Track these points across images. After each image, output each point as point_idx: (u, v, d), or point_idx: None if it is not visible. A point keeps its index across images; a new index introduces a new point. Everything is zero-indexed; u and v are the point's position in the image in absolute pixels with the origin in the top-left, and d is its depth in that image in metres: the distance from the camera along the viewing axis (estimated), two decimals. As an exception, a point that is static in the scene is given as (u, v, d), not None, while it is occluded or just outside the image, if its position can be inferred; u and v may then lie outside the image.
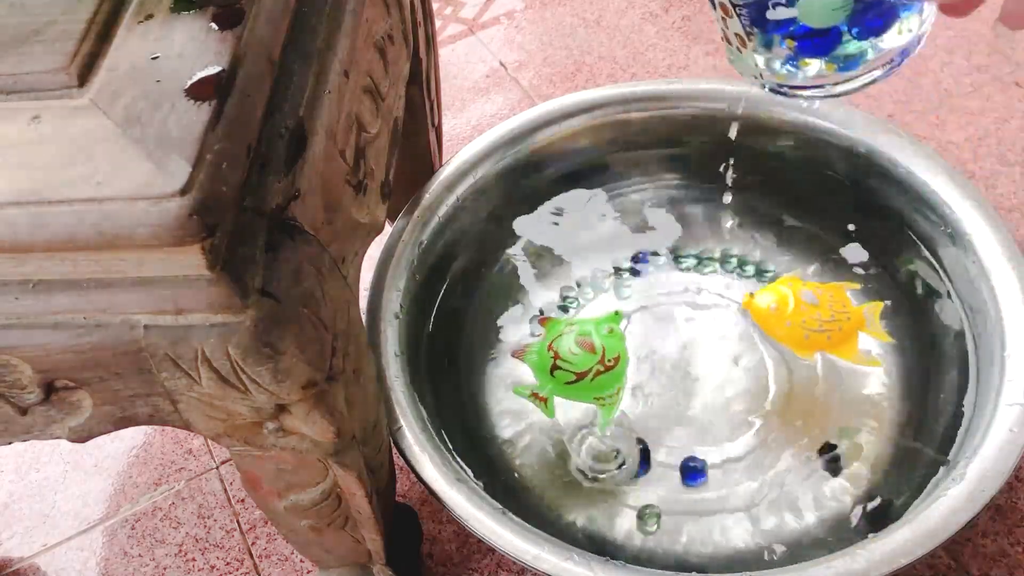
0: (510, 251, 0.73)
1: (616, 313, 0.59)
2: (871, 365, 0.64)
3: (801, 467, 0.61)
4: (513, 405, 0.67)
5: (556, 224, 0.74)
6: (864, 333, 0.60)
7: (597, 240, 0.74)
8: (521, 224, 0.73)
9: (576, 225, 0.74)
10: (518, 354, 0.60)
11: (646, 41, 1.06)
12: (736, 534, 0.59)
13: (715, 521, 0.60)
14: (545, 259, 0.74)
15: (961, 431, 0.56)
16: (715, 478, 0.62)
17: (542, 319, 0.62)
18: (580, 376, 0.57)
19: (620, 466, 0.63)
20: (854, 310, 0.60)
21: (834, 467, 0.61)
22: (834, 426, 0.63)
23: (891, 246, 0.67)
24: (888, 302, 0.64)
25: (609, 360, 0.57)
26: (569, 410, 0.65)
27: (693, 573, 0.57)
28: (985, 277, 0.58)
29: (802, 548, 0.58)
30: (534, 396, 0.59)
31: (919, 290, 0.65)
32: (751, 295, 0.61)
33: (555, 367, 0.58)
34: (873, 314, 0.61)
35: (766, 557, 0.58)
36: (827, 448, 0.62)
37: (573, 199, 0.74)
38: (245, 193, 0.36)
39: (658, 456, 0.63)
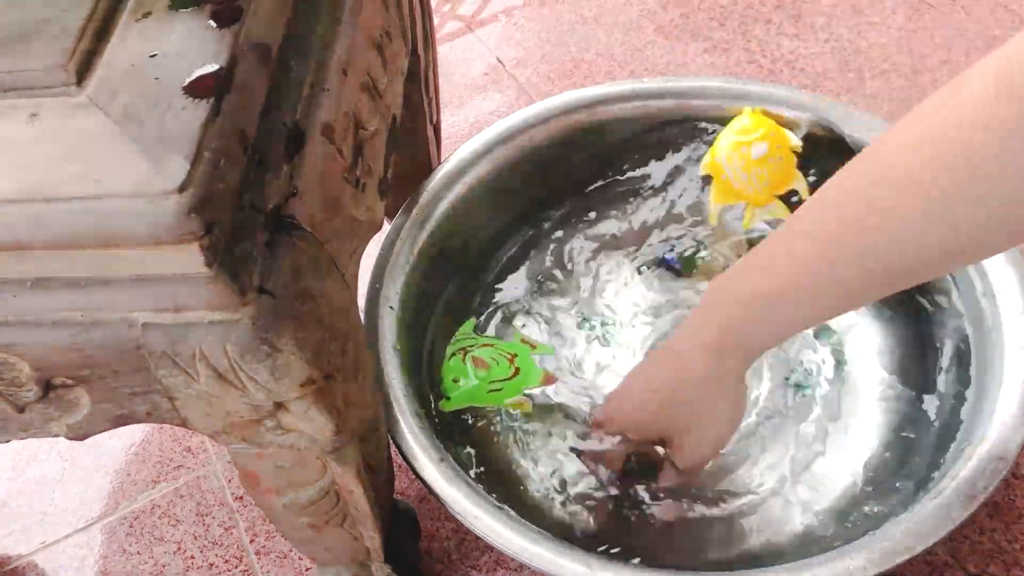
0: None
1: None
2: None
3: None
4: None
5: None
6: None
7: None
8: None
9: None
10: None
11: (644, 38, 1.06)
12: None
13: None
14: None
15: (960, 429, 0.56)
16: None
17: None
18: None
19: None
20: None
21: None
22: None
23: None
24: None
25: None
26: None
27: (693, 573, 0.57)
28: (984, 276, 0.58)
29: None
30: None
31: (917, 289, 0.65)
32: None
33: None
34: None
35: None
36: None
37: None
38: (243, 191, 0.36)
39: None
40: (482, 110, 1.01)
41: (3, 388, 0.39)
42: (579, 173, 0.74)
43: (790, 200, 0.67)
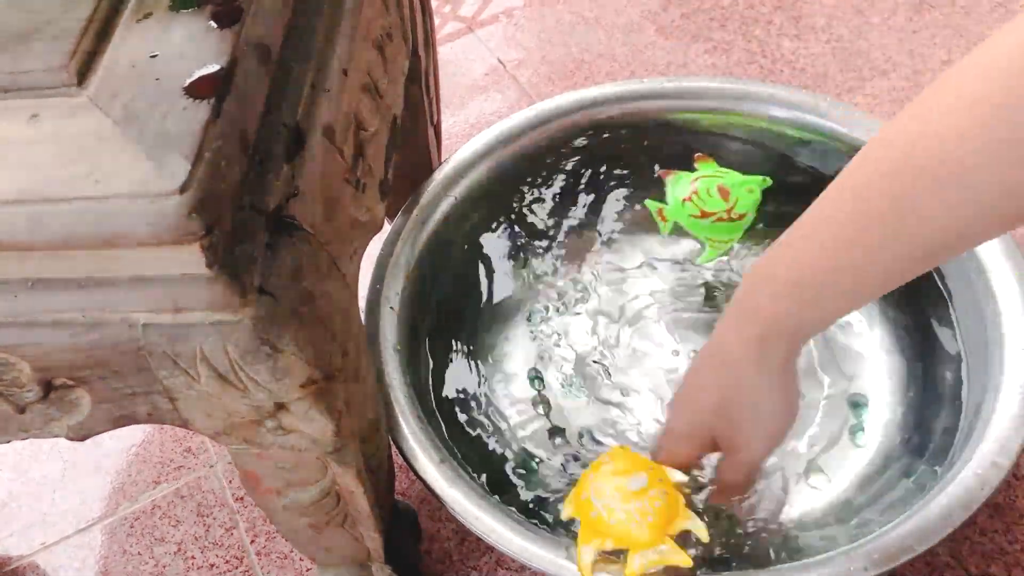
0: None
1: (764, 179, 0.64)
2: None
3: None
4: (514, 401, 0.67)
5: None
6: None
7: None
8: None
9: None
10: (664, 173, 0.68)
11: (645, 39, 1.06)
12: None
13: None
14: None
15: (959, 430, 0.56)
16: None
17: (698, 156, 0.67)
18: (705, 215, 0.65)
19: None
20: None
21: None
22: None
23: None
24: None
25: (735, 214, 0.63)
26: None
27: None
28: (983, 275, 0.58)
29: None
30: (659, 212, 0.67)
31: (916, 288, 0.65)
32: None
33: (688, 198, 0.65)
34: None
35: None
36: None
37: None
38: (244, 191, 0.36)
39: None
40: (483, 111, 1.01)
41: (4, 389, 0.39)
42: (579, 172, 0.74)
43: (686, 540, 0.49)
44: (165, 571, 0.70)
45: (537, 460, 0.64)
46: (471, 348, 0.69)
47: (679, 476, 0.50)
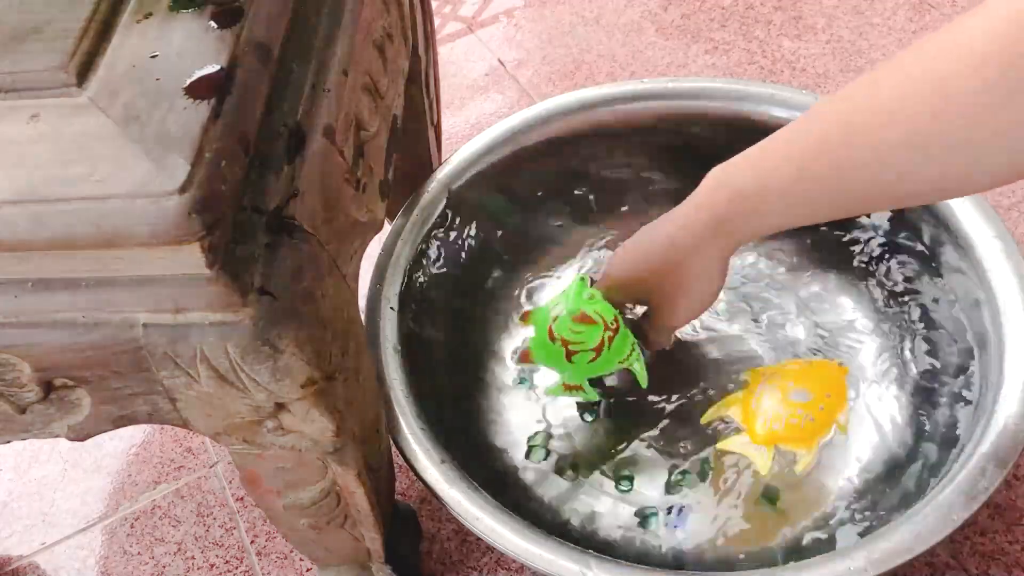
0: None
1: (581, 279, 0.58)
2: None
3: None
4: (514, 401, 0.67)
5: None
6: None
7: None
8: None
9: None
10: (525, 358, 0.61)
11: (645, 39, 1.06)
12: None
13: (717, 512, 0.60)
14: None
15: (960, 430, 0.56)
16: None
17: (524, 314, 0.62)
18: (598, 350, 0.58)
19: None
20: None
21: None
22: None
23: (888, 244, 0.67)
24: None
25: (611, 323, 0.57)
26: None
27: (693, 572, 0.57)
28: (984, 275, 0.58)
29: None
30: (568, 388, 0.61)
31: (915, 287, 0.65)
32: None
33: (569, 353, 0.58)
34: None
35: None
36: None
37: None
38: (244, 191, 0.37)
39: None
40: (483, 111, 1.01)
41: (4, 389, 0.39)
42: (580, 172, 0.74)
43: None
44: (165, 571, 0.70)
45: (538, 459, 0.64)
46: (471, 347, 0.69)
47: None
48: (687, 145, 0.72)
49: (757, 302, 0.69)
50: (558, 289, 0.68)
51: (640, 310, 0.62)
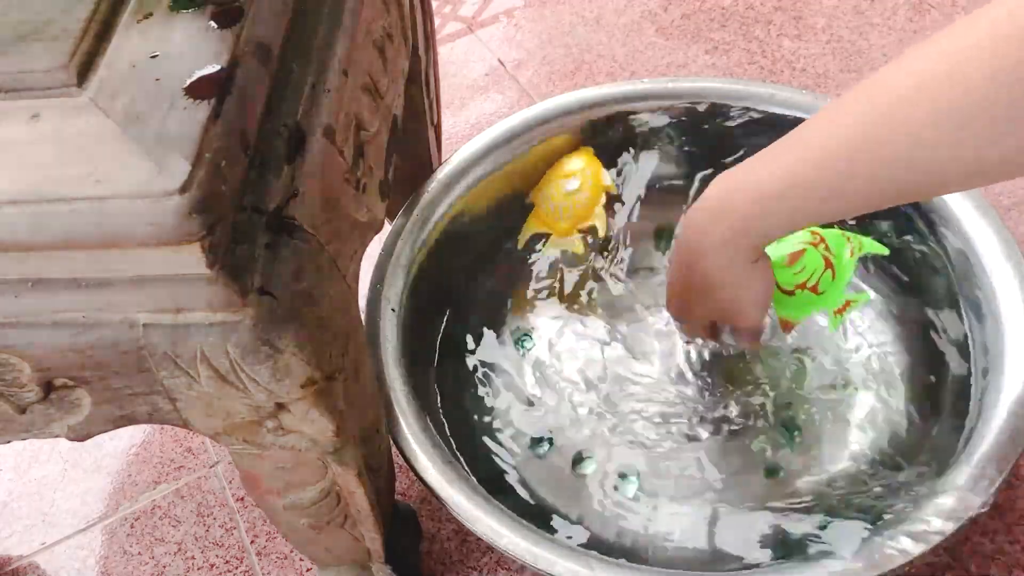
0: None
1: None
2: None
3: None
4: (514, 401, 0.67)
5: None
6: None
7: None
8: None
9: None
10: (786, 327, 0.62)
11: (645, 40, 1.06)
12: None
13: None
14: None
15: (960, 430, 0.56)
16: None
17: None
18: (828, 263, 0.58)
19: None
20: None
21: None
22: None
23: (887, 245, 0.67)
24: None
25: (813, 239, 0.58)
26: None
27: (693, 573, 0.57)
28: (984, 276, 0.58)
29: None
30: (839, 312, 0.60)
31: (917, 287, 0.65)
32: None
33: (815, 287, 0.58)
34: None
35: None
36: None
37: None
38: (244, 192, 0.37)
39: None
40: (483, 111, 1.01)
41: (4, 389, 0.39)
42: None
43: (588, 236, 0.71)
44: (165, 571, 0.70)
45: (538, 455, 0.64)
46: (472, 347, 0.69)
47: (607, 180, 0.69)
48: (687, 145, 0.72)
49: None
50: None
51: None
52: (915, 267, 0.65)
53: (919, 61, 0.40)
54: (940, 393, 0.61)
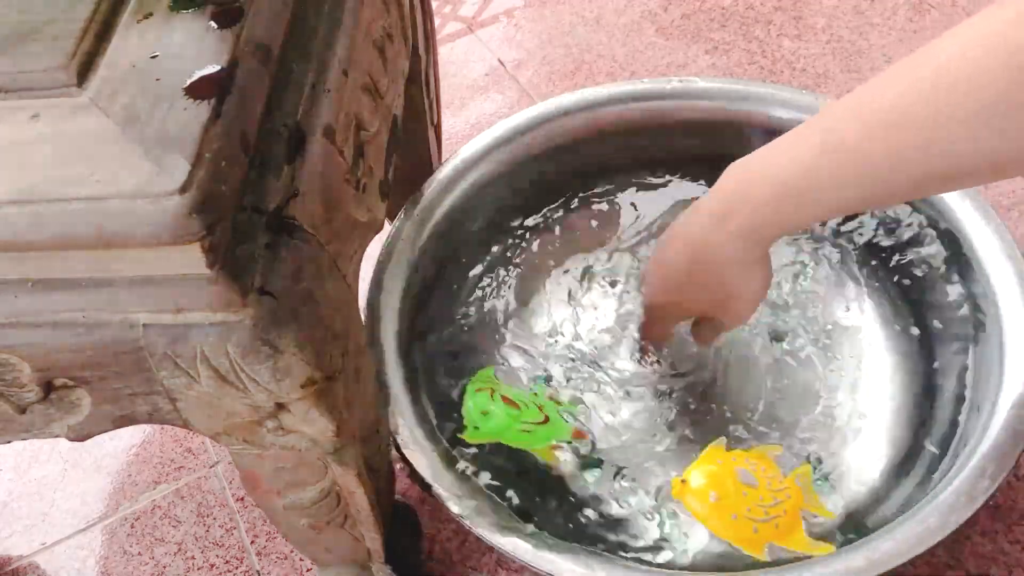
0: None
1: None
2: (823, 551, 0.52)
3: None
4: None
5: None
6: (805, 510, 0.55)
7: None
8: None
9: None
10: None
11: (645, 40, 1.06)
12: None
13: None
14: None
15: (960, 430, 0.56)
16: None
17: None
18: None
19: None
20: (791, 485, 0.56)
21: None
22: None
23: (887, 244, 0.67)
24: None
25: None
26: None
27: (693, 573, 0.57)
28: (984, 276, 0.58)
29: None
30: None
31: (917, 287, 0.65)
32: (681, 480, 0.55)
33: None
34: (805, 482, 0.56)
35: None
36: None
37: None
38: (244, 192, 0.36)
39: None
40: (483, 111, 1.01)
41: (4, 389, 0.39)
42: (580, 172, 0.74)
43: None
44: (165, 571, 0.70)
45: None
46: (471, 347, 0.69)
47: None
48: (687, 145, 0.72)
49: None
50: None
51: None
52: (915, 267, 0.65)
53: (941, 53, 0.39)
54: (936, 398, 0.61)
